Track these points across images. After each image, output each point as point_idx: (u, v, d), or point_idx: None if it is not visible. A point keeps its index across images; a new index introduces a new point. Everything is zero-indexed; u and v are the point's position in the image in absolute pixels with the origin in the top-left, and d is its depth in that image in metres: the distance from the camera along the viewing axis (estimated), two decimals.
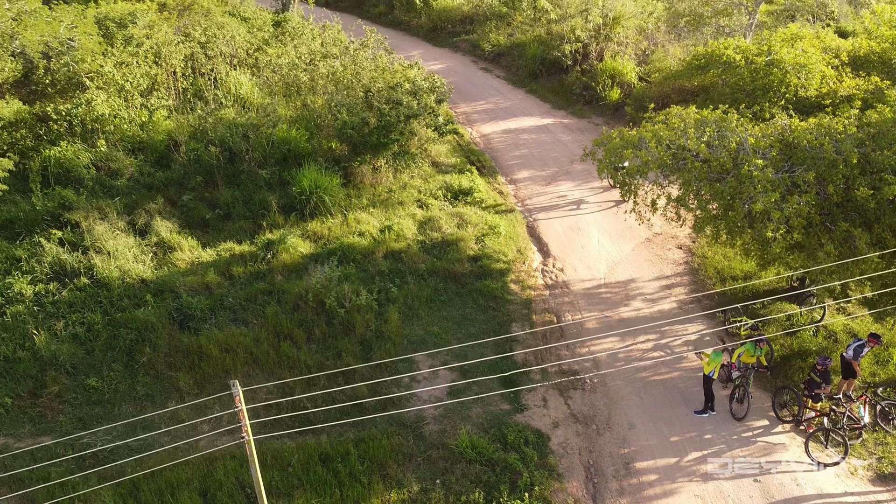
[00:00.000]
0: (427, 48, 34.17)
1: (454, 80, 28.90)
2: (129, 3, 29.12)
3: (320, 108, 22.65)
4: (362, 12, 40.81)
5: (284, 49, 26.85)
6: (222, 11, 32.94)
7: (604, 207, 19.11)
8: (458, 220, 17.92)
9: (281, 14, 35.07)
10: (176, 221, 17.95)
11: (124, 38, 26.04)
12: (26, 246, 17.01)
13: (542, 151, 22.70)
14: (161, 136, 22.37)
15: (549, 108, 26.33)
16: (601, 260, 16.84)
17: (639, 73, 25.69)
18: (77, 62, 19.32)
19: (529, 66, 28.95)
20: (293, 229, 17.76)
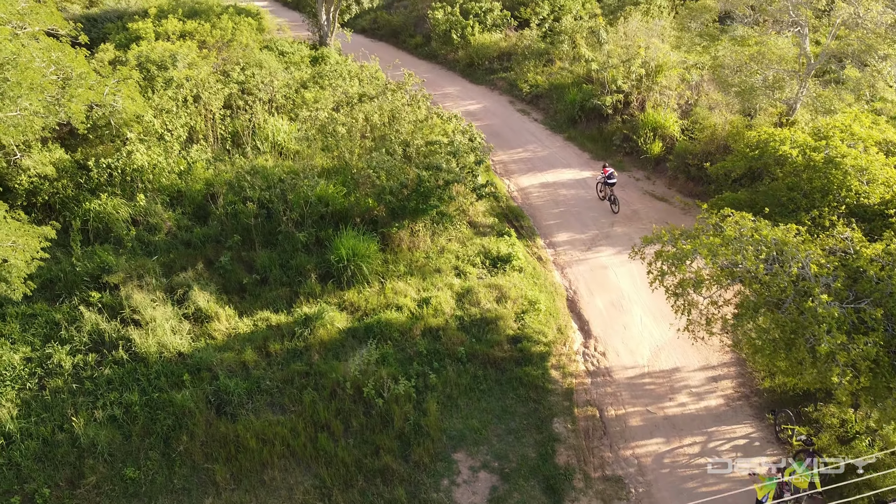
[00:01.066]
0: (463, 85, 33.90)
1: (491, 122, 28.64)
2: (170, 43, 29.34)
3: (357, 162, 22.50)
4: (398, 42, 40.76)
5: (322, 93, 26.72)
6: (260, 46, 33.05)
7: None
8: (498, 294, 17.59)
9: (319, 48, 35.06)
10: (213, 286, 17.88)
11: (164, 81, 26.18)
12: (65, 310, 17.09)
13: (581, 210, 22.27)
14: (199, 185, 22.41)
15: (587, 158, 25.86)
16: (644, 343, 16.38)
17: (681, 125, 25.10)
18: (120, 125, 19.34)
19: (568, 111, 28.51)
20: (330, 298, 17.61)
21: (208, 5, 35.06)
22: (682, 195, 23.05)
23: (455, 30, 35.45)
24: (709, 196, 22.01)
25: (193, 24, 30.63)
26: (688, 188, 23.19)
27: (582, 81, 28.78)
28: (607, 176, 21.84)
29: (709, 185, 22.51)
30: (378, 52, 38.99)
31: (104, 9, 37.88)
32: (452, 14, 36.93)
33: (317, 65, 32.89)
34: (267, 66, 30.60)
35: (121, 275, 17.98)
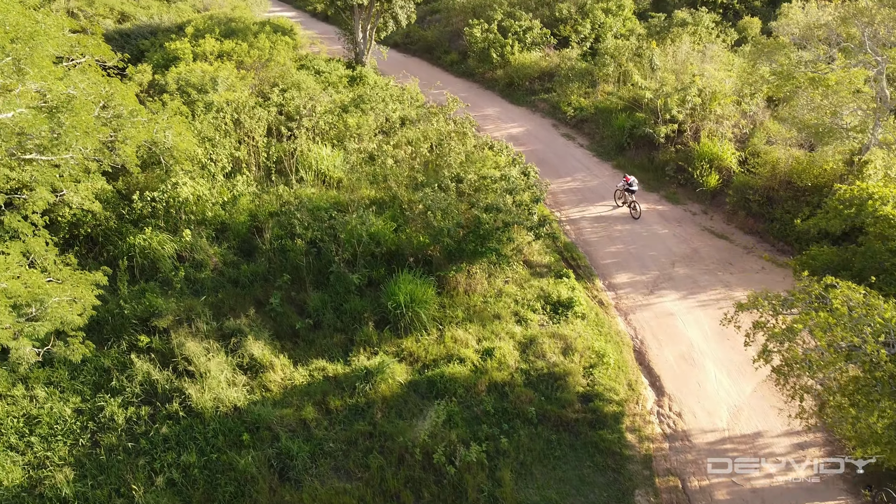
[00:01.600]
0: (503, 106, 33.13)
1: (535, 148, 27.88)
2: (208, 64, 28.80)
3: (406, 193, 21.82)
4: (433, 58, 40.07)
5: (365, 119, 26.05)
6: (296, 64, 32.46)
7: (715, 331, 17.79)
8: (563, 345, 16.82)
9: (355, 67, 34.43)
10: (266, 332, 17.23)
11: (205, 105, 25.63)
12: (114, 355, 16.54)
13: (638, 248, 21.44)
14: (243, 216, 21.81)
15: (639, 189, 24.98)
16: (721, 403, 15.55)
17: (738, 157, 24.20)
18: (170, 164, 18.74)
19: (616, 137, 27.68)
20: (387, 347, 16.91)
21: (244, 23, 34.50)
22: (742, 232, 22.20)
23: (494, 48, 34.68)
24: (772, 235, 21.22)
25: (231, 44, 30.08)
26: (748, 225, 22.30)
27: (630, 106, 27.93)
28: (629, 184, 22.84)
29: (772, 222, 21.66)
30: (412, 68, 38.36)
31: (137, 24, 37.45)
32: (490, 31, 36.17)
33: (354, 85, 32.28)
34: (305, 87, 30.02)
35: (170, 318, 17.39)
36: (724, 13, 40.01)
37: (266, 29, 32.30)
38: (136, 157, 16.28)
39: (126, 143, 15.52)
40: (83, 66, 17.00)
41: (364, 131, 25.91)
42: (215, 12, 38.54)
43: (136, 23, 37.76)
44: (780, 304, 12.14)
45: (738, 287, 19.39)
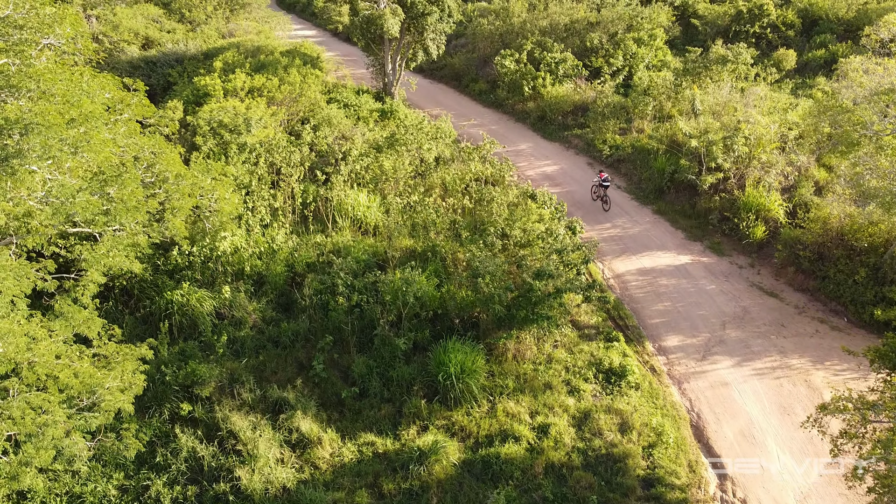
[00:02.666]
0: (536, 141, 32.61)
1: (572, 189, 27.35)
2: (239, 100, 28.41)
3: (446, 244, 21.37)
4: (460, 86, 39.60)
5: (401, 161, 25.59)
6: (325, 97, 32.05)
7: (776, 404, 17.21)
8: (619, 421, 16.28)
9: (385, 100, 33.97)
10: (312, 403, 16.75)
11: (238, 146, 25.24)
12: (156, 425, 16.12)
13: (686, 306, 20.86)
14: (280, 266, 21.36)
15: (682, 237, 24.44)
16: (787, 490, 14.96)
17: (786, 207, 23.60)
18: (216, 228, 18.28)
19: (655, 180, 27.11)
20: (437, 419, 16.42)
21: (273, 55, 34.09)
22: (792, 289, 21.61)
23: (525, 80, 34.16)
24: (824, 294, 20.63)
25: (261, 79, 29.67)
26: (798, 281, 21.71)
27: (669, 148, 27.33)
28: (602, 180, 25.95)
29: (824, 280, 21.05)
30: (440, 98, 37.93)
31: (162, 51, 37.10)
32: (521, 60, 35.65)
33: (385, 119, 31.84)
34: (336, 123, 29.61)
35: (212, 385, 16.94)
36: (757, 43, 39.38)
37: (296, 62, 31.87)
38: (185, 228, 15.78)
39: (175, 215, 15.06)
40: (128, 128, 16.56)
41: (400, 175, 25.45)
42: (241, 39, 38.18)
43: (162, 49, 37.42)
44: (868, 409, 11.55)
45: (792, 353, 18.81)
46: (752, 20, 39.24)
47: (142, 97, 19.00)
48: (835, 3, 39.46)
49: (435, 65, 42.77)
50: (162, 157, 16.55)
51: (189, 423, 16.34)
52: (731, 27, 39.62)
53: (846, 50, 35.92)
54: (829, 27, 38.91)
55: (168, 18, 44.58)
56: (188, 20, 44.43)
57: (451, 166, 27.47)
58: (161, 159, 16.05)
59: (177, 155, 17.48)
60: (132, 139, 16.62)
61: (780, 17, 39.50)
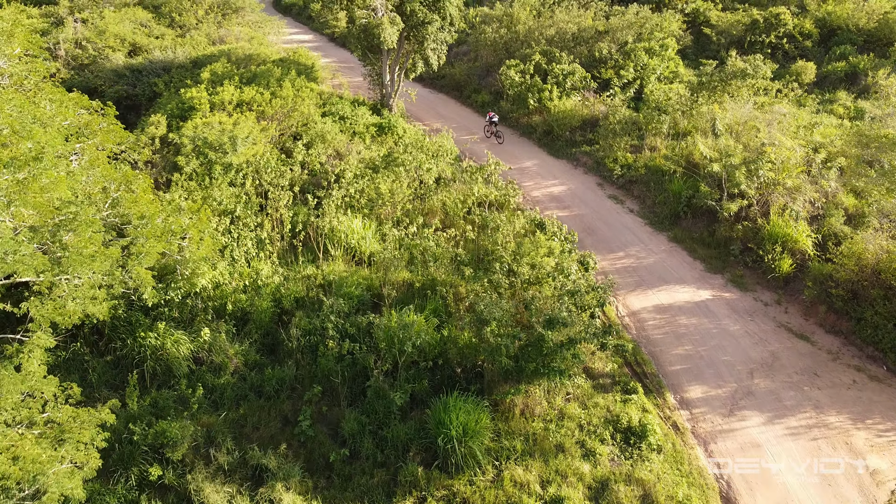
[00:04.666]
0: (542, 158, 30.80)
1: (581, 212, 25.54)
2: (226, 114, 26.60)
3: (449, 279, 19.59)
4: (462, 97, 37.80)
5: (399, 185, 23.78)
6: (319, 110, 30.24)
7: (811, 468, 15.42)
8: (641, 493, 14.49)
9: (383, 113, 32.17)
10: (296, 468, 14.94)
11: (223, 167, 23.43)
12: (122, 493, 14.34)
13: (709, 350, 19.06)
14: (266, 301, 19.57)
15: (701, 269, 22.65)
16: None
17: (814, 238, 21.81)
18: (187, 275, 16.43)
19: (671, 204, 25.31)
20: (435, 490, 14.62)
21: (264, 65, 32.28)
22: (824, 330, 19.83)
23: (531, 93, 32.35)
24: (860, 338, 18.89)
25: (251, 92, 27.85)
26: (830, 322, 19.93)
27: (686, 169, 25.52)
28: (491, 118, 31.84)
29: (859, 321, 19.27)
30: (440, 108, 36.14)
31: (149, 58, 35.25)
32: (526, 71, 33.84)
33: (383, 134, 30.03)
34: (330, 139, 27.82)
35: (185, 446, 15.12)
36: (773, 54, 37.59)
37: (290, 74, 30.03)
38: (152, 277, 13.93)
39: (140, 262, 13.22)
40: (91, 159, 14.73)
41: (398, 198, 23.65)
42: (232, 47, 36.34)
43: (149, 56, 35.57)
44: None
45: (829, 408, 17.02)
46: (767, 30, 37.45)
47: (111, 122, 17.19)
48: (854, 13, 37.66)
49: (435, 74, 40.89)
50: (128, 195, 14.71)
51: (158, 490, 14.55)
52: (746, 37, 37.83)
53: (868, 63, 34.12)
54: (849, 37, 37.11)
55: (157, 23, 42.76)
56: (178, 24, 42.60)
57: (453, 187, 25.69)
58: (127, 197, 14.20)
59: (147, 188, 15.63)
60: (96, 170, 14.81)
61: (797, 27, 37.72)
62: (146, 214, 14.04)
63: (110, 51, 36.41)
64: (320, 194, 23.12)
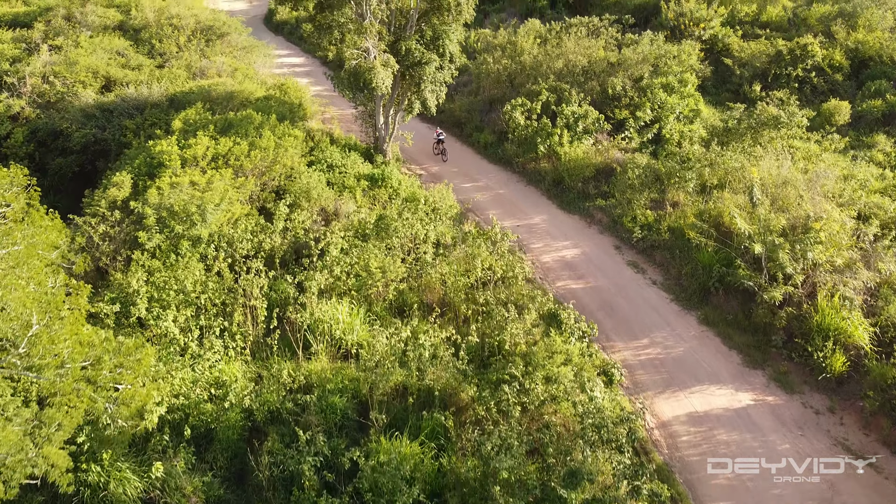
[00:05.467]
0: (551, 212, 27.88)
1: (598, 283, 22.67)
2: (199, 170, 23.69)
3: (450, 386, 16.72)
4: (462, 135, 34.94)
5: (391, 261, 20.88)
6: (305, 158, 27.32)
7: None
8: None
9: (374, 158, 29.26)
10: None
11: (192, 241, 20.54)
12: None
13: (757, 485, 16.12)
14: (235, 412, 16.72)
15: (738, 362, 19.74)
16: None
17: (871, 331, 18.89)
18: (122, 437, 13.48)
19: (699, 276, 22.39)
20: None
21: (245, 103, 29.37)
22: (890, 451, 16.89)
23: (539, 137, 29.40)
24: None
25: (228, 143, 24.93)
26: (895, 437, 16.99)
27: (716, 239, 22.57)
28: (439, 135, 32.73)
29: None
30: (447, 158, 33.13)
31: (122, 95, 32.31)
32: (533, 111, 30.90)
33: (375, 187, 27.09)
34: (316, 195, 24.93)
35: None
36: (800, 88, 34.63)
37: (271, 119, 27.12)
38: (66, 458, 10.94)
39: (51, 440, 10.26)
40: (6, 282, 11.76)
41: (391, 276, 20.75)
42: (213, 83, 33.39)
43: (123, 93, 32.62)
44: None
45: None
46: (793, 62, 34.49)
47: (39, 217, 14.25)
48: (890, 43, 34.70)
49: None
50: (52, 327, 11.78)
51: None
52: (771, 70, 34.86)
53: None
54: (883, 71, 34.15)
55: (136, 51, 39.81)
56: (158, 52, 39.63)
57: (454, 254, 22.83)
58: (46, 336, 11.26)
59: (79, 318, 12.65)
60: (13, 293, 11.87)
61: (827, 59, 34.75)
62: (68, 360, 11.08)
63: (80, 86, 33.47)
64: (301, 276, 20.15)
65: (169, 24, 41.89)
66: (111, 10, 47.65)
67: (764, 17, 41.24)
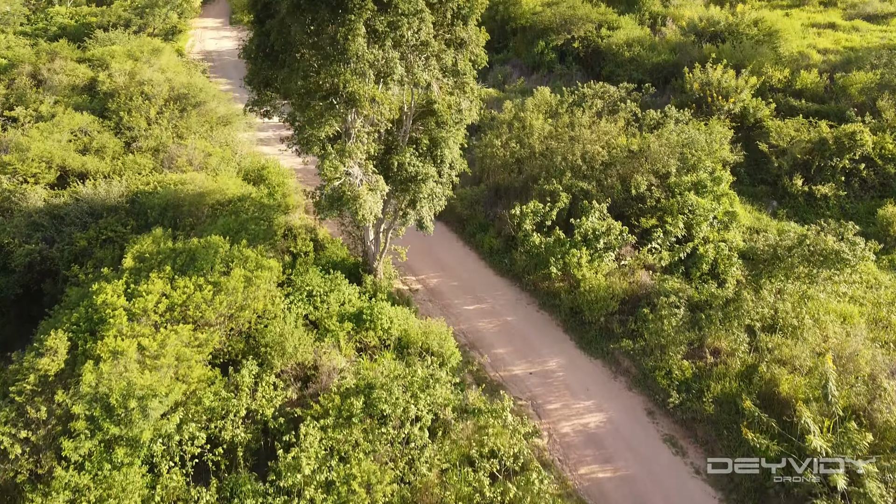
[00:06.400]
0: (570, 352, 23.86)
1: (629, 473, 18.75)
2: (149, 327, 19.73)
3: None
4: (464, 233, 31.01)
5: (383, 474, 16.87)
6: (280, 292, 23.34)
7: None
8: None
9: (362, 278, 25.31)
10: None
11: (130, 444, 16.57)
12: None
13: None
14: None
15: None
16: None
17: None
18: None
19: (758, 476, 18.30)
20: None
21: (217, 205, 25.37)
22: None
23: (554, 256, 25.37)
24: None
25: (189, 286, 20.90)
26: None
27: (777, 431, 18.54)
28: None
29: None
30: (438, 251, 29.31)
31: (77, 194, 28.32)
32: (547, 218, 26.87)
33: (362, 328, 23.04)
34: (292, 352, 20.95)
35: None
36: (847, 182, 30.61)
37: (241, 248, 23.08)
38: None
39: None
40: None
41: (378, 496, 16.73)
42: (181, 179, 29.33)
43: (78, 191, 28.60)
44: None
45: None
46: (839, 152, 30.43)
47: None
48: None
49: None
50: None
51: None
52: (814, 161, 30.78)
53: None
54: None
55: (102, 126, 35.77)
56: (126, 127, 35.57)
57: (456, 430, 18.90)
58: None
59: None
60: None
61: (878, 147, 30.69)
62: None
63: (31, 182, 29.45)
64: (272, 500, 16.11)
65: (140, 91, 37.82)
66: (81, 67, 43.75)
67: (798, 84, 37.18)
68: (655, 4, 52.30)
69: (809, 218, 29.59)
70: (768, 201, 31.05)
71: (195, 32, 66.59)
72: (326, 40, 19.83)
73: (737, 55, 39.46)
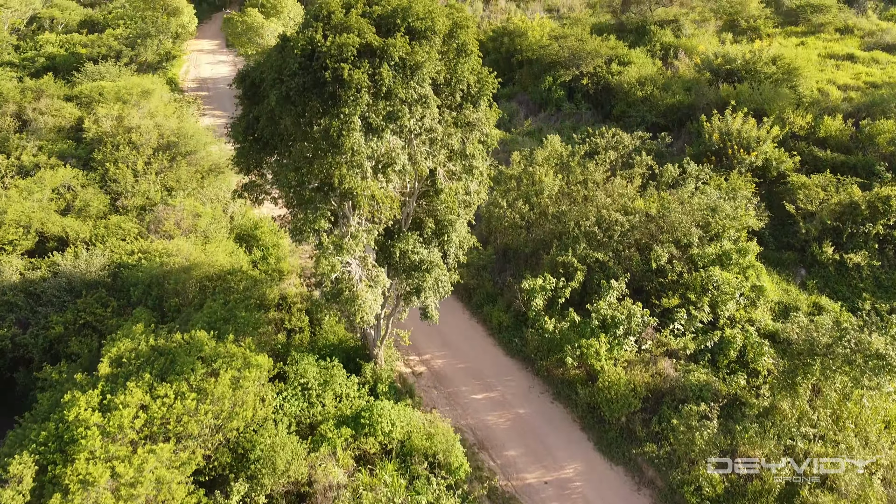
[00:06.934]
0: (588, 456, 21.86)
1: None
2: (125, 447, 17.76)
3: None
4: (471, 305, 29.22)
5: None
6: (272, 391, 21.34)
7: None
8: None
9: (362, 368, 23.38)
10: None
11: None
12: None
13: None
14: None
15: None
16: None
17: None
18: None
19: None
20: None
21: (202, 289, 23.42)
22: None
23: (570, 345, 23.35)
24: None
25: (169, 395, 18.91)
26: None
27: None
28: None
29: None
30: (443, 325, 27.03)
31: (57, 269, 26.33)
32: (561, 296, 24.87)
33: (360, 434, 21.05)
34: (283, 468, 18.99)
35: None
36: (881, 249, 28.62)
37: (227, 344, 21.08)
38: None
39: None
40: None
41: None
42: (166, 250, 27.32)
43: (58, 264, 26.61)
44: None
45: None
46: (872, 217, 28.43)
47: None
48: None
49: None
50: None
51: None
52: (845, 225, 28.76)
53: None
54: None
55: (87, 179, 33.80)
56: (111, 179, 33.59)
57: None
58: None
59: None
60: None
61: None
62: None
63: (6, 253, 27.47)
64: None
65: (128, 139, 35.83)
66: (68, 106, 41.72)
67: (821, 132, 35.16)
68: (667, 35, 50.26)
69: (841, 290, 27.60)
70: (796, 269, 29.04)
71: (190, 57, 64.54)
72: (319, 133, 17.81)
73: (756, 98, 37.41)
